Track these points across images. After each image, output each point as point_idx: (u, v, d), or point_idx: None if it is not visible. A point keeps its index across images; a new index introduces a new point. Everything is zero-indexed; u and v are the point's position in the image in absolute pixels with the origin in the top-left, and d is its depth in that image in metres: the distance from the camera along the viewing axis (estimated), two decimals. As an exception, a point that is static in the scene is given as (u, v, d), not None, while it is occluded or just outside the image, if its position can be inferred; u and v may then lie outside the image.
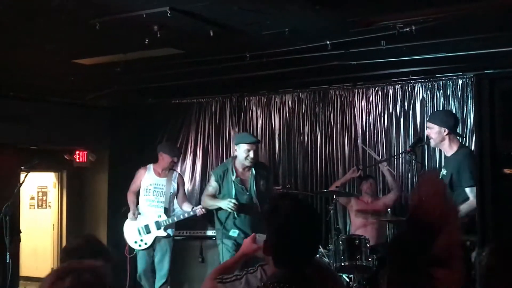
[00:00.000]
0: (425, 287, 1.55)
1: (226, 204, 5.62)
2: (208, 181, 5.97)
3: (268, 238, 2.22)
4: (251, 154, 5.63)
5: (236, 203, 5.60)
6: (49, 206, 9.69)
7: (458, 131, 5.22)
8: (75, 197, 9.01)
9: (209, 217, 7.29)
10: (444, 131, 4.82)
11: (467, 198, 4.51)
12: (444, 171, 4.85)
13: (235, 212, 5.59)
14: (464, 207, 4.37)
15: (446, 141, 4.85)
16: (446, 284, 1.54)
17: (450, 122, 4.91)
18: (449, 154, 4.89)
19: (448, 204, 1.67)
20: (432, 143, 4.95)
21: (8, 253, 5.20)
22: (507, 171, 2.66)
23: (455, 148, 4.88)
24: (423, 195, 1.64)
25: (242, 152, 5.68)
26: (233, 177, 5.72)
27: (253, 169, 5.72)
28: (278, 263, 2.17)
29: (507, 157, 2.77)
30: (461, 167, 4.64)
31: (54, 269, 1.90)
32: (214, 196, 5.91)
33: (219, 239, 5.79)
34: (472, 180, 4.40)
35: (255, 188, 5.73)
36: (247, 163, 5.73)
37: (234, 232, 5.67)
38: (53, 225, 9.14)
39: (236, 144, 5.83)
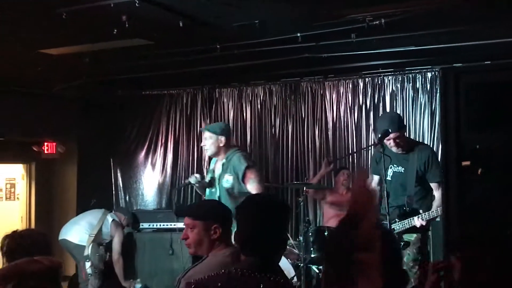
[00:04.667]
0: (353, 274, 1.63)
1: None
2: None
3: (240, 229, 2.35)
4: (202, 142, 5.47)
5: (198, 176, 5.48)
6: (18, 198, 9.53)
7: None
8: (44, 189, 8.88)
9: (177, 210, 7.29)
10: (402, 133, 4.84)
11: (430, 193, 4.68)
12: (400, 169, 4.82)
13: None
14: (436, 204, 4.56)
15: (405, 141, 4.86)
16: (370, 266, 1.61)
17: (402, 123, 4.94)
18: (402, 151, 4.83)
19: (367, 193, 1.75)
20: (399, 150, 4.82)
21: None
22: (464, 163, 2.69)
23: (412, 145, 4.92)
24: (354, 193, 1.73)
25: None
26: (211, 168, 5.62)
27: (222, 162, 5.42)
28: (247, 251, 2.29)
29: (471, 151, 2.80)
30: (428, 163, 4.72)
31: (1, 268, 1.80)
32: None
33: None
34: (440, 176, 4.46)
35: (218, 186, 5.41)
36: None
37: None
38: (22, 217, 8.98)
39: None
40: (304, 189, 6.11)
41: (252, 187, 5.13)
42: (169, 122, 8.27)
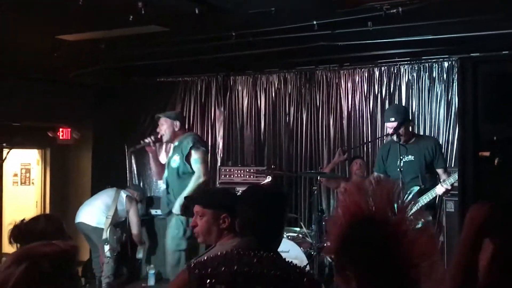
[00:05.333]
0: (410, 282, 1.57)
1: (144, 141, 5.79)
2: None
3: (240, 215, 2.48)
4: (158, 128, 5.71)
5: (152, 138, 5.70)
6: (33, 183, 9.62)
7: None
8: (58, 174, 8.96)
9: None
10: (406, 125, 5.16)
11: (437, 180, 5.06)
12: (410, 157, 5.11)
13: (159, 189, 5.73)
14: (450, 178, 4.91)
15: (408, 134, 5.20)
16: (433, 275, 1.57)
17: (407, 115, 5.33)
18: (409, 141, 5.18)
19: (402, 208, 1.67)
20: (401, 140, 5.13)
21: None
22: (482, 153, 2.67)
23: (416, 136, 5.37)
24: (374, 195, 1.67)
25: None
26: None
27: (173, 145, 5.69)
28: (245, 234, 2.44)
29: (488, 141, 2.78)
30: (434, 151, 5.13)
31: (17, 249, 1.80)
32: None
33: None
34: (445, 163, 5.30)
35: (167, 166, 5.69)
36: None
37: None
38: (37, 202, 9.09)
39: None
40: (318, 178, 6.11)
41: (195, 167, 5.37)
42: (183, 109, 8.27)
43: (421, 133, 6.75)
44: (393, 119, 5.10)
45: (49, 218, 3.12)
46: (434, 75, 6.80)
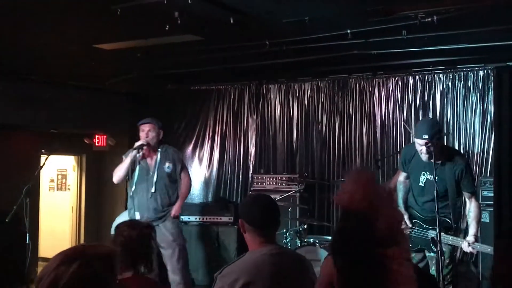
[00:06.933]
0: (380, 268, 1.64)
1: (136, 144, 5.74)
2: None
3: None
4: (143, 134, 5.80)
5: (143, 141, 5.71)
6: (68, 189, 9.81)
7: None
8: (94, 181, 9.12)
9: (225, 203, 7.39)
10: (436, 143, 4.55)
11: (459, 201, 4.72)
12: (432, 177, 4.57)
13: (131, 192, 5.72)
14: (472, 215, 4.59)
15: (437, 152, 4.55)
16: (398, 260, 1.63)
17: (439, 133, 4.65)
18: (431, 160, 4.52)
19: (378, 190, 1.77)
20: (430, 159, 4.54)
21: (27, 234, 5.28)
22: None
23: (446, 156, 4.68)
24: (351, 187, 1.76)
25: (140, 133, 5.84)
26: (139, 158, 5.79)
27: (159, 151, 5.82)
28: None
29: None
30: (463, 173, 4.59)
31: (64, 250, 1.82)
32: None
33: None
34: (473, 187, 4.72)
35: (157, 170, 5.78)
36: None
37: (136, 215, 5.73)
38: (72, 207, 9.27)
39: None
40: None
41: (184, 175, 6.03)
42: (216, 117, 8.35)
43: (456, 143, 6.67)
44: (426, 136, 4.47)
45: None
46: (469, 84, 6.72)
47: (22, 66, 6.80)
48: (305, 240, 6.29)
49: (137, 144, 5.70)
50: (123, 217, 7.13)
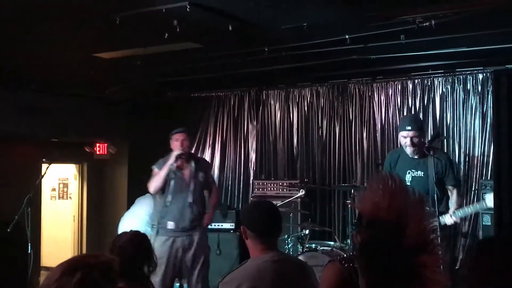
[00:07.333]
0: (413, 277, 1.61)
1: (174, 153, 5.55)
2: (152, 172, 5.90)
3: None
4: (178, 144, 5.58)
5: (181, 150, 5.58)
6: (70, 197, 9.82)
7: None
8: (95, 189, 9.13)
9: (226, 210, 7.38)
10: (420, 135, 4.83)
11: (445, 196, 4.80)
12: (419, 173, 4.81)
13: (167, 202, 5.58)
14: (455, 203, 4.75)
15: (420, 144, 4.83)
16: (431, 268, 1.60)
17: (422, 125, 5.05)
18: (420, 156, 4.81)
19: (406, 197, 1.73)
20: (415, 151, 4.82)
21: (29, 244, 5.28)
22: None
23: (428, 150, 4.84)
24: (372, 197, 1.71)
25: (173, 144, 5.66)
26: (173, 167, 5.61)
27: (192, 161, 5.70)
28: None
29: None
30: (446, 167, 4.78)
31: (65, 261, 1.81)
32: None
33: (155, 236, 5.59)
34: (456, 180, 4.94)
35: (200, 177, 5.68)
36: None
37: (170, 225, 5.51)
38: (74, 216, 9.27)
39: (170, 139, 5.73)
40: (352, 191, 6.09)
41: (214, 184, 6.07)
42: (216, 124, 8.36)
43: (456, 146, 6.69)
44: (409, 127, 4.75)
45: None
46: (468, 87, 6.74)
47: (22, 76, 6.82)
48: (306, 245, 6.29)
49: (174, 154, 5.62)
50: (130, 217, 7.13)
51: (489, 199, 4.53)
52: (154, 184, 5.62)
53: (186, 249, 5.45)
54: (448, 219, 4.64)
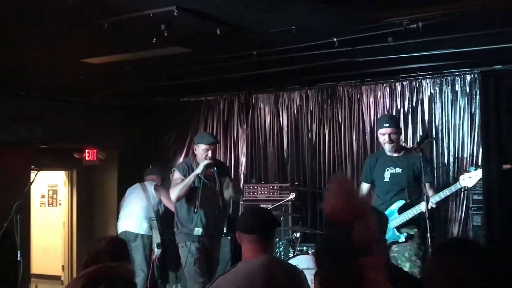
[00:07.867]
0: (355, 278, 1.67)
1: (203, 163, 5.52)
2: (173, 176, 5.87)
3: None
4: (209, 153, 5.59)
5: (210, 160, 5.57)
6: (60, 204, 9.77)
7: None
8: (85, 195, 9.08)
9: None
10: (397, 132, 5.20)
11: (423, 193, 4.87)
12: (397, 169, 5.10)
13: (197, 208, 5.53)
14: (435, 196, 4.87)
15: (398, 141, 5.21)
16: (371, 269, 1.67)
17: (399, 123, 5.49)
18: (398, 154, 5.17)
19: (356, 198, 1.83)
20: (393, 148, 5.14)
21: (19, 251, 5.25)
22: (505, 166, 2.68)
23: (405, 148, 5.31)
24: (333, 198, 1.80)
25: (201, 151, 5.66)
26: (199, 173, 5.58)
27: (214, 167, 5.65)
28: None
29: (513, 154, 2.78)
30: (422, 165, 4.85)
31: (83, 273, 1.77)
32: None
33: (182, 242, 5.63)
34: (432, 178, 5.33)
35: (219, 184, 5.70)
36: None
37: (197, 231, 5.54)
38: (64, 223, 9.21)
39: (195, 144, 5.73)
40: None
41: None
42: (206, 128, 8.35)
43: (445, 147, 6.72)
44: (387, 124, 5.09)
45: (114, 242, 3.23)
46: (456, 89, 6.77)
47: (11, 82, 6.78)
48: (298, 248, 6.29)
49: (204, 163, 5.60)
50: (128, 217, 7.07)
51: (462, 179, 4.80)
52: (178, 193, 5.60)
53: (209, 253, 5.66)
54: (424, 205, 4.76)
